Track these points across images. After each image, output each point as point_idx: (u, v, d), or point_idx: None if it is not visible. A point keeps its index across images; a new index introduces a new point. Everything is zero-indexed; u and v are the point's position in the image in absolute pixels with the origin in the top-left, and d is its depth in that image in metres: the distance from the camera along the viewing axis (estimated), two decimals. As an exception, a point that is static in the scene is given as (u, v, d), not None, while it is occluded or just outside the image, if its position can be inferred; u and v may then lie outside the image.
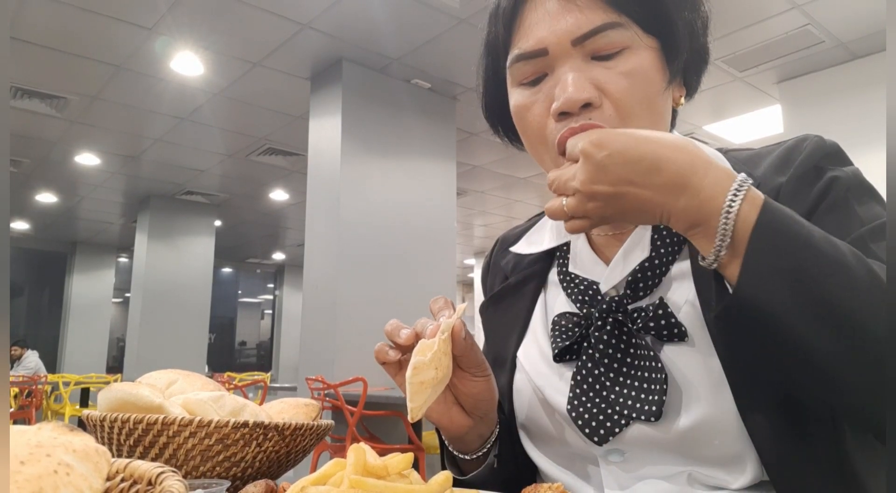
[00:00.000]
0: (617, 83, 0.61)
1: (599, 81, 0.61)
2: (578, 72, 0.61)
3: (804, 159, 0.64)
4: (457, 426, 0.67)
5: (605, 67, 0.61)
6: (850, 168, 0.65)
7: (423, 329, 0.61)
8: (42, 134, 5.82)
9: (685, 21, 0.64)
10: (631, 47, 0.61)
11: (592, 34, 0.61)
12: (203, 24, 3.99)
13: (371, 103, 4.59)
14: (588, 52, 0.62)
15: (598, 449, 0.65)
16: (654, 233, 0.67)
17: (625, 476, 0.64)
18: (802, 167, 0.64)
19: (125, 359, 7.96)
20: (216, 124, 5.59)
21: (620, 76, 0.61)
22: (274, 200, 8.02)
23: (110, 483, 0.34)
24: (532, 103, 0.65)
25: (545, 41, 0.62)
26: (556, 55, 0.62)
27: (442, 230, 4.87)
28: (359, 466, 0.47)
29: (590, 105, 0.61)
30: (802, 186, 0.63)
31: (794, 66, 4.53)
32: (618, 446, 0.64)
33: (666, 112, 0.66)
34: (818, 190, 0.63)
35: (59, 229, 9.78)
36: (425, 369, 0.55)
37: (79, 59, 4.43)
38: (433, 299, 0.65)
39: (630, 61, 0.61)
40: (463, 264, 12.75)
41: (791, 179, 0.64)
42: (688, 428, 0.59)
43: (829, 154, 0.65)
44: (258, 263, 13.13)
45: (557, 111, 0.61)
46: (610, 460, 0.65)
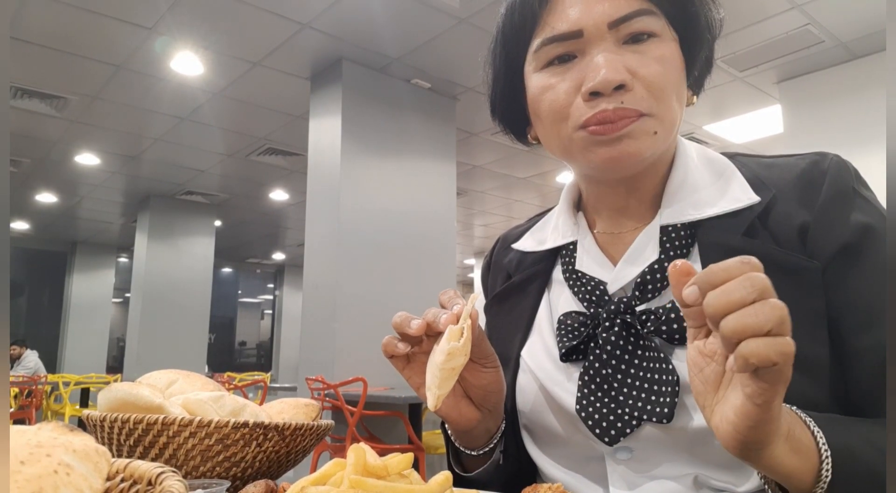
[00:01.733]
0: (649, 67, 0.62)
1: (631, 65, 0.62)
2: (614, 54, 0.62)
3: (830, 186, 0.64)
4: (466, 419, 0.67)
5: (636, 51, 0.62)
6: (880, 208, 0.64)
7: (437, 319, 0.60)
8: (42, 134, 5.82)
9: (707, 20, 0.66)
10: (661, 36, 0.63)
11: (629, 18, 0.62)
12: (203, 24, 3.99)
13: (371, 103, 4.59)
14: (621, 37, 0.63)
15: (607, 448, 0.65)
16: (663, 235, 0.67)
17: (632, 475, 0.64)
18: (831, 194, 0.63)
19: (125, 359, 7.96)
20: (216, 124, 5.59)
21: (652, 61, 0.62)
22: (274, 200, 8.02)
23: (110, 483, 0.34)
24: (558, 83, 0.65)
25: (581, 23, 0.63)
26: (591, 38, 0.63)
27: (442, 230, 4.87)
28: (359, 466, 0.47)
29: (622, 87, 0.61)
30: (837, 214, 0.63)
31: (794, 66, 4.53)
32: (626, 444, 0.64)
33: (683, 106, 0.67)
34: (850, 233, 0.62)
35: (59, 229, 9.78)
36: (458, 354, 0.55)
37: (79, 59, 4.43)
38: (443, 291, 0.64)
39: (660, 48, 0.63)
40: (463, 263, 12.75)
41: (821, 211, 0.63)
42: (699, 431, 0.59)
43: (855, 175, 0.65)
44: (258, 263, 13.13)
45: (590, 90, 0.61)
46: (618, 458, 0.64)
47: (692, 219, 0.66)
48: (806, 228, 0.62)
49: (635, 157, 0.63)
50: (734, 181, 0.68)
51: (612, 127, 0.61)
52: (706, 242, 0.65)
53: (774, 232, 0.64)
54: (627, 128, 0.61)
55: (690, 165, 0.70)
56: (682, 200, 0.67)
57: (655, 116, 0.62)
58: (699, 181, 0.69)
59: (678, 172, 0.69)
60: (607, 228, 0.73)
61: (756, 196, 0.65)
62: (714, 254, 0.64)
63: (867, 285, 0.60)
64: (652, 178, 0.70)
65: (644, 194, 0.70)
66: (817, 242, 0.62)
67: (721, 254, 0.63)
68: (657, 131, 0.63)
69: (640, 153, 0.63)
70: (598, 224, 0.75)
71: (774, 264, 0.61)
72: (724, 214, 0.65)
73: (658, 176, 0.70)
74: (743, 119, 5.47)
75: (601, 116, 0.61)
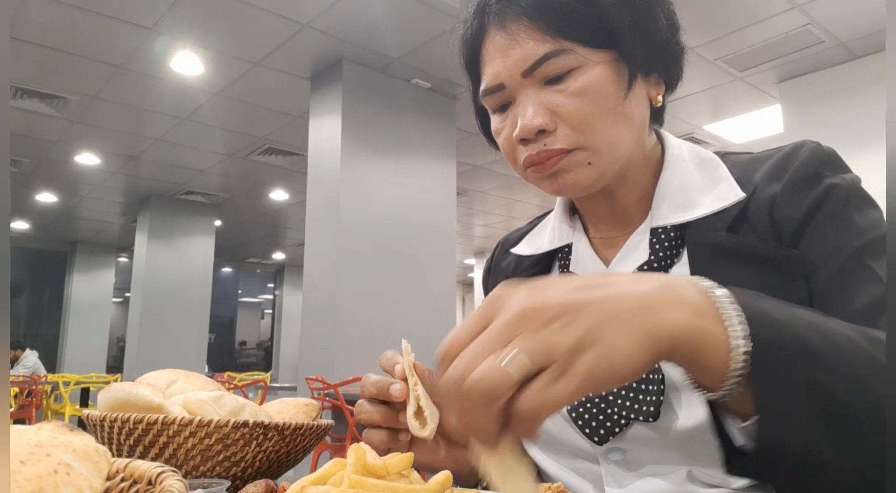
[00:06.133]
0: (568, 105, 0.63)
1: (553, 105, 0.64)
2: (533, 99, 0.64)
3: (800, 165, 0.65)
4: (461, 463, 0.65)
5: (556, 91, 0.64)
6: (850, 175, 0.65)
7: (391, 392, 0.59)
8: (42, 134, 5.82)
9: (635, 27, 0.65)
10: (581, 66, 0.64)
11: (539, 64, 0.63)
12: (203, 24, 3.99)
13: (371, 103, 4.59)
14: (539, 79, 0.64)
15: (599, 448, 0.65)
16: (653, 236, 0.68)
17: (625, 475, 0.64)
18: (799, 173, 0.65)
19: (125, 359, 7.96)
20: (216, 124, 5.59)
21: (571, 97, 0.63)
22: (274, 200, 8.02)
23: (110, 483, 0.34)
24: (502, 129, 0.69)
25: (501, 76, 0.66)
26: (512, 87, 0.66)
27: (442, 230, 4.87)
28: (359, 466, 0.47)
29: (543, 131, 0.64)
30: (798, 191, 0.64)
31: (794, 66, 4.53)
32: (618, 444, 0.64)
33: (635, 116, 0.67)
34: (816, 195, 0.63)
35: (59, 229, 9.78)
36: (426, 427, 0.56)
37: (79, 59, 4.43)
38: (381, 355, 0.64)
39: (579, 80, 0.63)
40: (463, 263, 12.75)
41: (787, 185, 0.64)
42: (687, 429, 0.60)
43: (828, 160, 0.66)
44: (258, 263, 13.13)
45: (517, 139, 0.66)
46: (610, 458, 0.65)
47: (681, 221, 0.67)
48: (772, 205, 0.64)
49: (579, 186, 0.66)
50: (723, 180, 0.69)
51: (542, 167, 0.65)
52: (694, 242, 0.66)
53: (755, 224, 0.65)
54: (557, 165, 0.65)
55: (681, 165, 0.71)
56: (672, 202, 0.68)
57: (586, 149, 0.64)
58: (689, 182, 0.69)
59: (668, 173, 0.70)
60: (601, 231, 0.75)
61: (742, 193, 0.66)
62: (701, 253, 0.65)
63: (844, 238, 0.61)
64: (630, 186, 0.71)
65: (627, 201, 0.72)
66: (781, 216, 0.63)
67: (708, 252, 0.64)
68: (591, 162, 0.65)
69: (581, 183, 0.66)
70: (592, 227, 0.77)
71: (757, 256, 0.63)
72: (711, 214, 0.66)
73: (638, 183, 0.71)
74: (743, 119, 5.47)
75: (529, 159, 0.65)
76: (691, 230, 0.66)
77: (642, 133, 0.70)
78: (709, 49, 4.27)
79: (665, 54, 0.69)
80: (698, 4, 3.78)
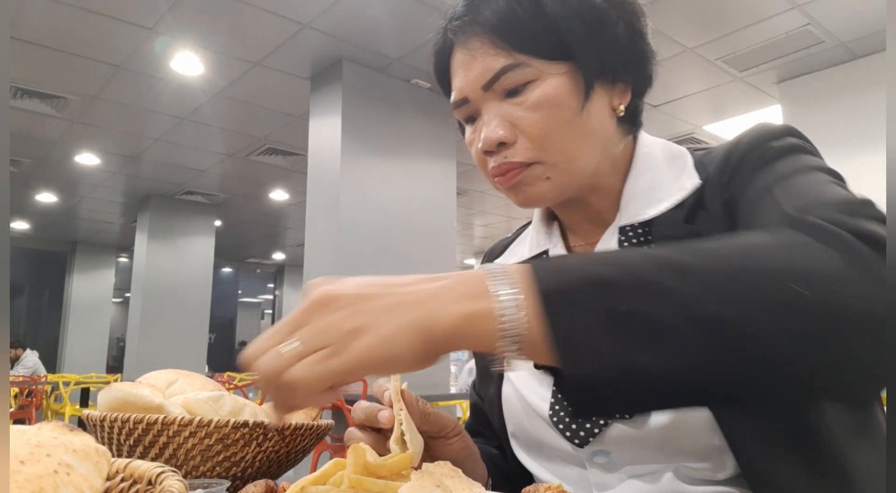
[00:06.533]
0: (526, 117, 0.65)
1: (513, 118, 0.65)
2: (495, 112, 0.66)
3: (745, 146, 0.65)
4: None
5: (516, 103, 0.66)
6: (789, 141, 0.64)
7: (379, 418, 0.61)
8: (42, 134, 5.82)
9: (590, 38, 0.65)
10: (539, 79, 0.65)
11: (496, 79, 0.65)
12: (203, 24, 3.99)
13: (371, 103, 4.59)
14: (500, 92, 0.66)
15: (584, 452, 0.65)
16: (622, 235, 0.69)
17: (611, 477, 0.65)
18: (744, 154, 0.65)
19: (125, 359, 7.96)
20: (216, 124, 5.58)
21: (529, 110, 0.65)
22: (274, 200, 8.02)
23: (110, 483, 0.34)
24: (473, 140, 0.71)
25: (464, 91, 0.69)
26: (475, 101, 0.68)
27: (442, 230, 4.87)
28: (359, 466, 0.47)
29: (504, 144, 0.66)
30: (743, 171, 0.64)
31: (794, 66, 4.53)
32: (602, 447, 0.65)
33: (596, 127, 0.67)
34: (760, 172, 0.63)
35: (59, 229, 9.78)
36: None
37: (79, 59, 4.43)
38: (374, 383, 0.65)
39: (535, 93, 0.65)
40: (463, 264, 12.75)
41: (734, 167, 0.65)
42: (664, 425, 0.60)
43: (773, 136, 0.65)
44: (258, 263, 13.13)
45: (480, 151, 0.68)
46: (596, 461, 0.65)
47: (647, 217, 0.68)
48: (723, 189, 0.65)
49: (540, 199, 0.68)
50: (685, 171, 0.70)
51: (504, 179, 0.67)
52: (659, 237, 0.67)
53: (711, 210, 0.65)
54: (517, 178, 0.67)
55: (650, 163, 0.71)
56: (640, 200, 0.69)
57: (544, 163, 0.65)
58: (658, 178, 0.70)
59: (636, 172, 0.71)
60: (581, 236, 0.76)
61: (698, 179, 0.67)
62: None
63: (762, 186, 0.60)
64: (602, 193, 0.72)
65: (601, 206, 0.73)
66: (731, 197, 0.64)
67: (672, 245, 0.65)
68: (549, 177, 0.66)
69: (542, 197, 0.67)
70: (571, 233, 0.78)
71: None
72: (674, 207, 0.67)
73: (611, 188, 0.72)
74: (743, 119, 5.46)
75: (493, 171, 0.68)
76: (656, 225, 0.67)
77: (607, 143, 0.70)
78: (709, 49, 4.27)
79: (628, 62, 0.69)
80: (698, 4, 3.78)
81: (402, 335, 0.41)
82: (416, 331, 0.41)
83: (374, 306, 0.42)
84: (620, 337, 0.40)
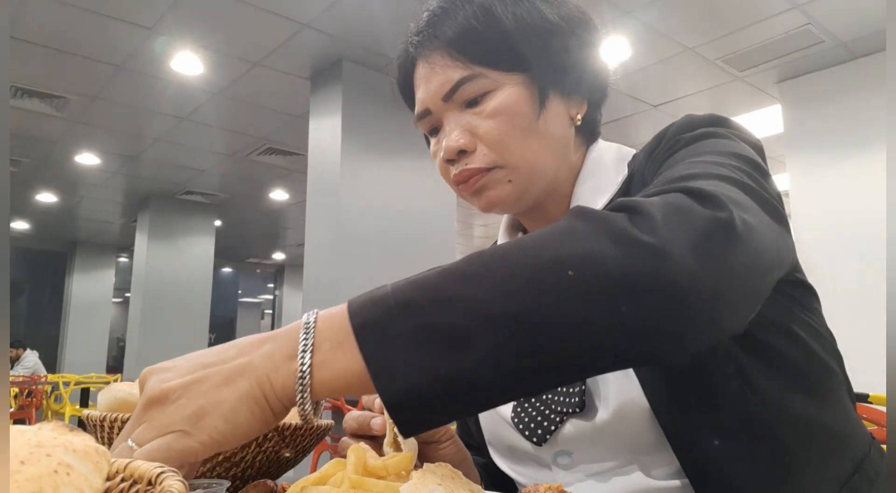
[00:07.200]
0: (485, 125, 0.68)
1: (472, 127, 0.68)
2: (455, 122, 0.70)
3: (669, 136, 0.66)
4: None
5: (475, 113, 0.69)
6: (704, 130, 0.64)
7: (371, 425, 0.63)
8: (42, 134, 5.82)
9: (542, 50, 0.68)
10: (495, 89, 0.68)
11: (455, 89, 0.68)
12: (203, 24, 3.99)
13: (371, 103, 4.59)
14: (459, 103, 0.69)
15: (548, 453, 0.66)
16: None
17: (573, 477, 0.65)
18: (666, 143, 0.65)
19: (125, 359, 7.96)
20: (216, 124, 5.58)
21: (487, 118, 0.68)
22: (274, 200, 8.02)
23: (110, 483, 0.34)
24: (436, 151, 0.74)
25: (426, 103, 0.72)
26: (437, 112, 0.72)
27: (442, 230, 4.87)
28: (359, 466, 0.47)
29: (464, 152, 0.69)
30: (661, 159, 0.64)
31: (794, 65, 4.53)
32: (563, 447, 0.65)
33: (554, 135, 0.69)
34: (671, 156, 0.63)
35: (59, 229, 9.78)
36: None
37: (79, 59, 4.43)
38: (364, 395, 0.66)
39: (492, 102, 0.68)
40: (463, 263, 12.74)
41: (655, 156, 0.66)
42: (610, 417, 0.60)
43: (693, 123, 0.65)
44: (258, 263, 13.13)
45: (443, 160, 0.71)
46: (559, 462, 0.65)
47: None
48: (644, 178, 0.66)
49: (504, 203, 0.70)
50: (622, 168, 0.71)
51: (467, 185, 0.70)
52: None
53: None
54: (479, 183, 0.69)
55: (597, 167, 0.73)
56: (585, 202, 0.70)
57: (505, 167, 0.68)
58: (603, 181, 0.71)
59: (583, 177, 0.73)
60: None
61: (626, 172, 0.70)
62: None
63: None
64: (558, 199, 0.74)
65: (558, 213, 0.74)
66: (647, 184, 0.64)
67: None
68: (511, 180, 0.68)
69: (506, 199, 0.69)
70: None
71: None
72: (607, 203, 0.68)
73: (567, 195, 0.74)
74: (743, 119, 5.47)
75: (455, 178, 0.71)
76: None
77: (565, 150, 0.72)
78: (709, 49, 4.27)
79: (581, 74, 0.71)
80: (698, 4, 3.78)
81: (241, 406, 0.44)
82: (254, 399, 0.44)
83: (208, 387, 0.45)
84: (429, 350, 0.42)
